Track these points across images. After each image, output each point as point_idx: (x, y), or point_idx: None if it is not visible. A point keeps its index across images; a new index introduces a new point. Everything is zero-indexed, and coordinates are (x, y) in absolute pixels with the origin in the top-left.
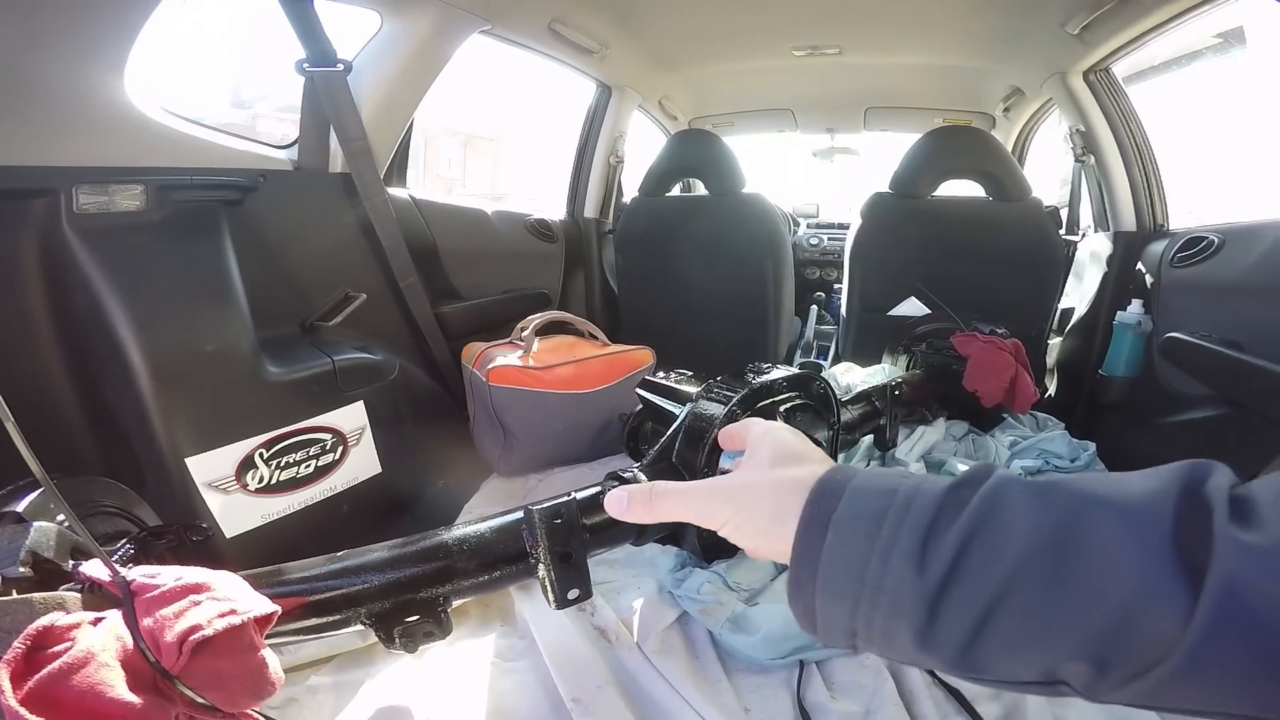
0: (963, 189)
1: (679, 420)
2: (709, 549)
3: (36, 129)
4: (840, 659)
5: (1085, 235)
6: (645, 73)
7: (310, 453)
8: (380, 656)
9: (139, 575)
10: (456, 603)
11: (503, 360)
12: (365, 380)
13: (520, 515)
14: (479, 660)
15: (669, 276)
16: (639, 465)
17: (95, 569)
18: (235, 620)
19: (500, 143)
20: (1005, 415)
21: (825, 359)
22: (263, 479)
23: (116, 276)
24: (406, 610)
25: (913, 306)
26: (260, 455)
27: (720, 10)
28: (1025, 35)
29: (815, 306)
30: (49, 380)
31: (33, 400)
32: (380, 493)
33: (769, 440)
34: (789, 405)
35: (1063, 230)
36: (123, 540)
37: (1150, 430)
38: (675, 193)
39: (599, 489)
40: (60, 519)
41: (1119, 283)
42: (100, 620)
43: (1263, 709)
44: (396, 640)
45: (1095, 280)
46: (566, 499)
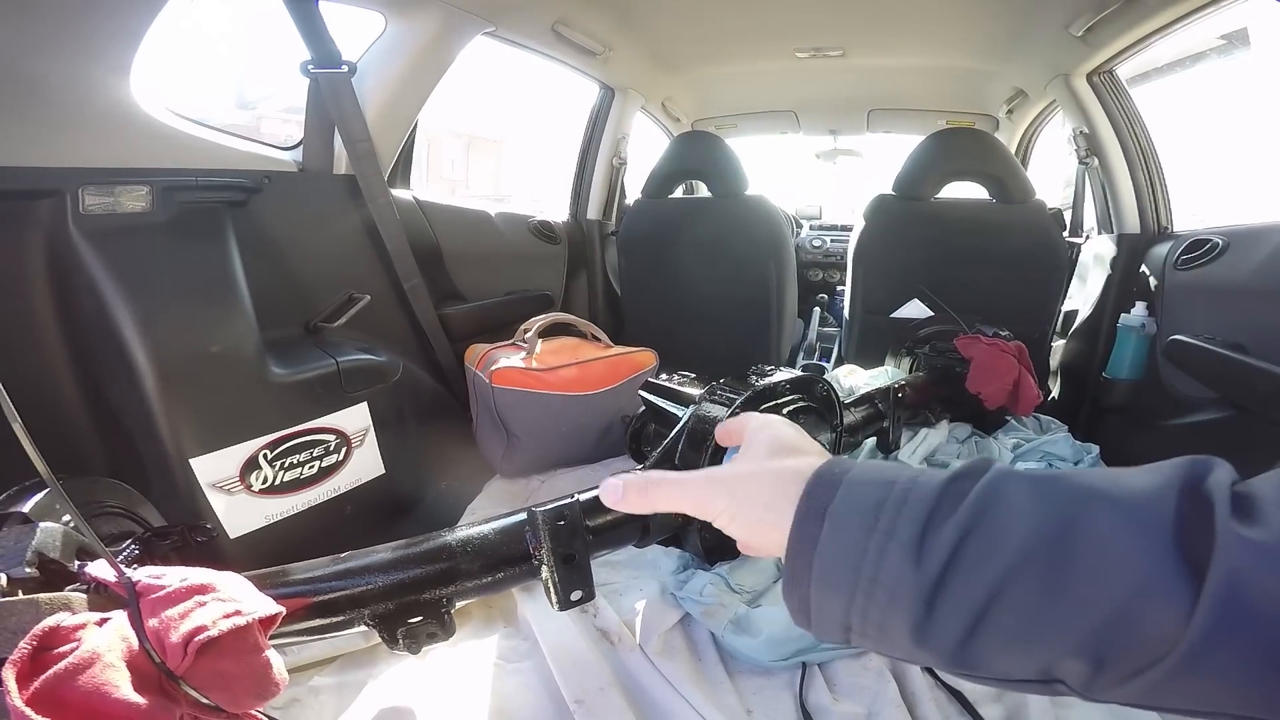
0: (966, 191)
1: (682, 422)
2: (711, 551)
3: (42, 130)
4: (843, 661)
5: (1089, 237)
6: (648, 74)
7: (314, 454)
8: (383, 657)
9: (144, 576)
10: (460, 604)
11: (506, 362)
12: (369, 381)
13: (523, 517)
14: (482, 661)
15: (672, 278)
16: (642, 467)
17: (101, 570)
18: (240, 621)
19: (503, 144)
20: (1008, 418)
21: (828, 361)
22: (267, 480)
23: (122, 277)
24: (410, 611)
25: (916, 309)
26: (264, 456)
27: (723, 12)
28: (1029, 37)
29: (818, 308)
30: (54, 381)
31: (38, 401)
32: (383, 494)
33: (766, 433)
34: (792, 407)
35: (1066, 232)
36: (128, 541)
37: (1154, 433)
38: (678, 194)
39: None
40: (66, 519)
41: (1123, 285)
42: (106, 621)
43: (1263, 710)
44: (400, 641)
45: (1099, 283)
46: (570, 500)
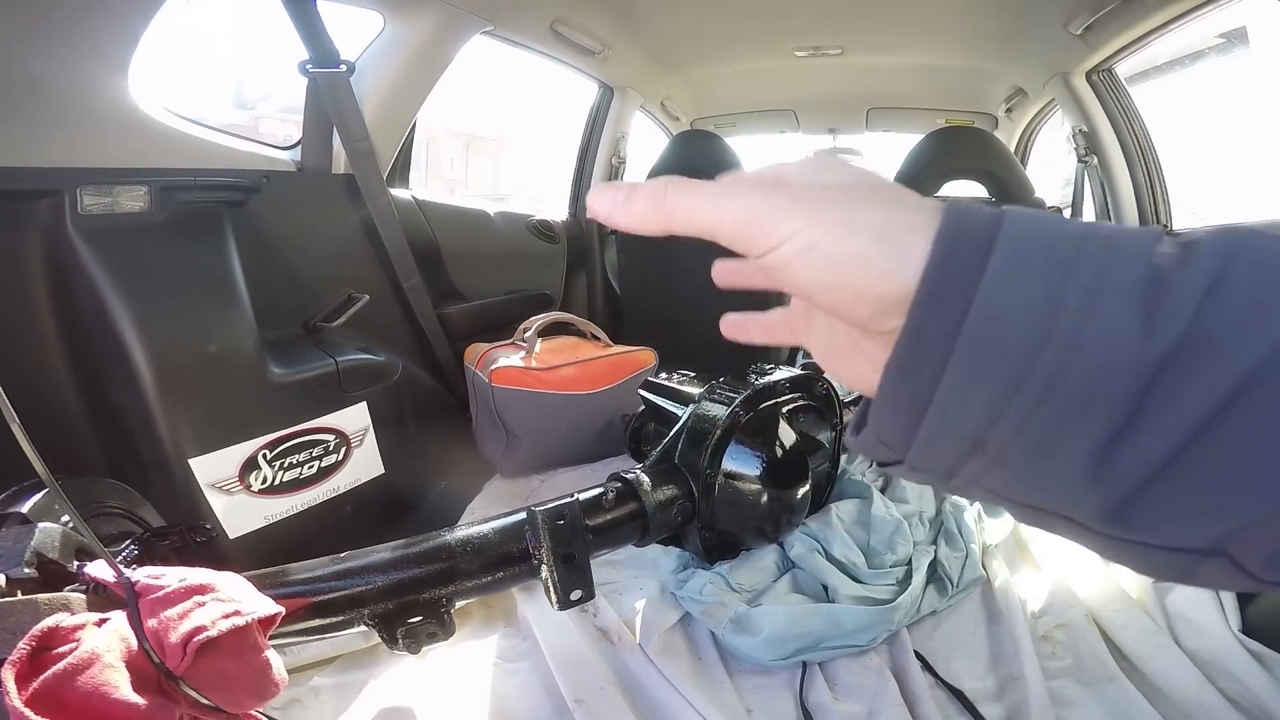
0: (965, 190)
1: (682, 421)
2: (711, 550)
3: (41, 130)
4: (843, 660)
5: None
6: (647, 73)
7: (313, 453)
8: (383, 657)
9: (143, 576)
10: (459, 604)
11: (505, 361)
12: (368, 381)
13: (523, 516)
14: (481, 661)
15: (671, 277)
16: (642, 466)
17: (100, 570)
18: (239, 621)
19: (502, 143)
20: None
21: None
22: (266, 480)
23: (121, 277)
24: (409, 611)
25: None
26: (263, 456)
27: (722, 11)
28: (1028, 35)
29: None
30: (53, 381)
31: (37, 401)
32: (383, 493)
33: (833, 160)
34: (792, 406)
35: None
36: (127, 541)
37: None
38: None
39: (601, 490)
40: (65, 520)
41: None
42: (105, 621)
43: None
44: (399, 641)
45: None
46: (569, 500)
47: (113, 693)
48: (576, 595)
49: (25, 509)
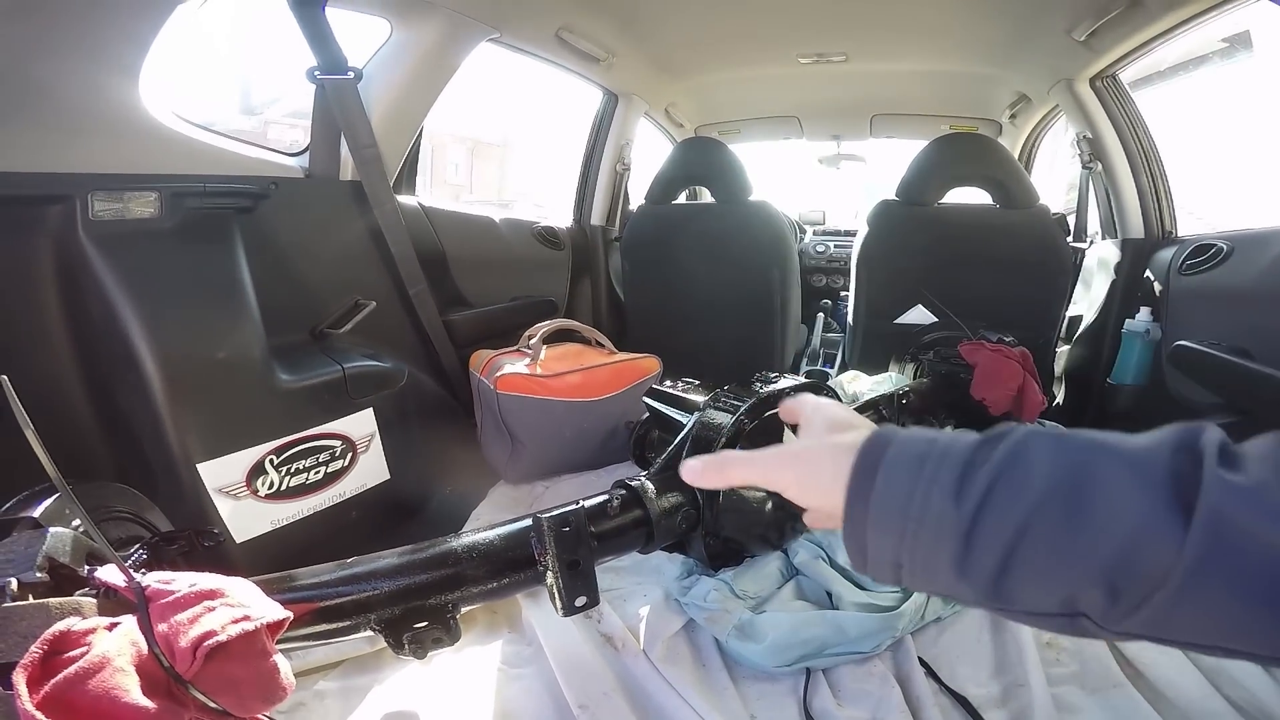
0: (970, 196)
1: (686, 429)
2: (715, 557)
3: (53, 135)
4: (847, 666)
5: (1093, 242)
6: (651, 80)
7: (320, 459)
8: (388, 662)
9: (154, 581)
10: (465, 609)
11: (510, 368)
12: (375, 387)
13: (528, 523)
14: (486, 667)
15: (675, 284)
16: (646, 473)
17: (110, 574)
18: (248, 626)
19: (506, 149)
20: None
21: (832, 367)
22: (273, 485)
23: (130, 283)
24: (415, 617)
25: (920, 314)
26: (271, 461)
27: (726, 18)
28: (1031, 42)
29: (822, 314)
30: (63, 386)
31: (48, 406)
32: (388, 499)
33: (822, 414)
34: None
35: (1070, 238)
36: (136, 545)
37: None
38: (681, 200)
39: (606, 497)
40: (76, 524)
41: (1127, 290)
42: (115, 625)
43: (1250, 643)
44: (405, 646)
45: (1103, 288)
46: (575, 507)
47: (123, 696)
48: (581, 601)
49: (37, 513)
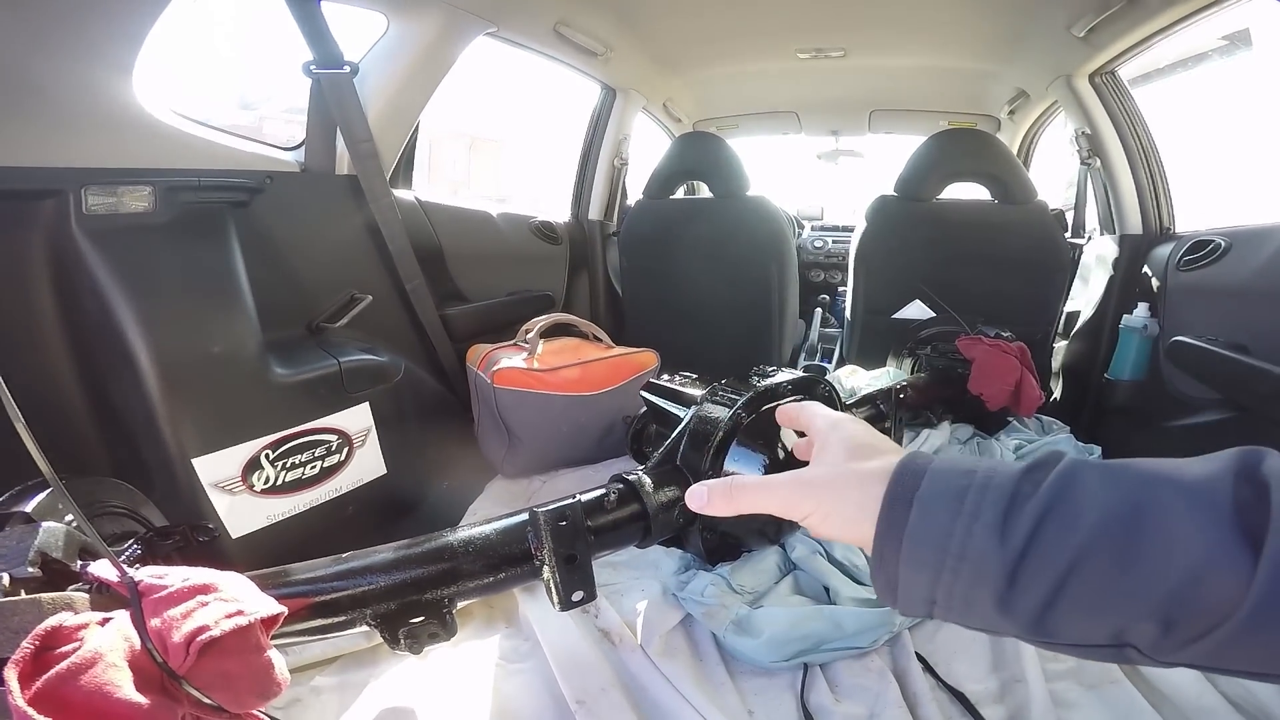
0: (968, 192)
1: (684, 423)
2: (713, 552)
3: (45, 130)
4: (844, 662)
5: (1091, 238)
6: (649, 75)
7: (316, 454)
8: (385, 657)
9: (147, 576)
10: (461, 604)
11: (507, 362)
12: (371, 382)
13: (525, 517)
14: (483, 662)
15: (673, 279)
16: (643, 468)
17: (103, 569)
18: (242, 621)
19: (502, 144)
20: (1010, 419)
21: (830, 362)
22: (269, 480)
23: (124, 278)
24: (411, 611)
25: (917, 309)
26: (266, 456)
27: (725, 12)
28: (1031, 37)
29: (820, 309)
30: (57, 381)
31: (41, 401)
32: (385, 494)
33: (840, 434)
34: None
35: (1068, 233)
36: (130, 540)
37: (1156, 434)
38: (680, 195)
39: (603, 491)
40: (69, 519)
41: (1125, 286)
42: (108, 621)
43: None
44: (401, 641)
45: (1101, 283)
46: (571, 501)
47: (116, 692)
48: (578, 596)
49: (29, 508)
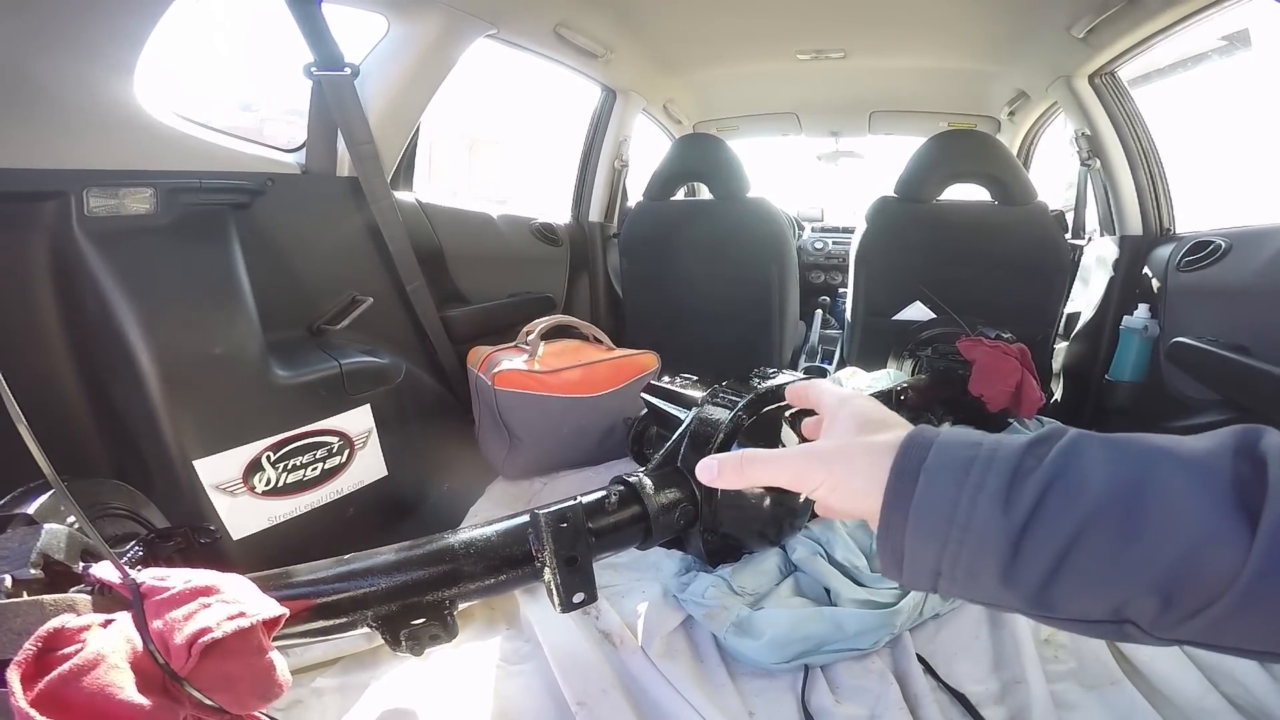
0: (968, 193)
1: (685, 425)
2: (714, 553)
3: (47, 131)
4: (845, 663)
5: (1091, 239)
6: (650, 77)
7: (317, 455)
8: (385, 659)
9: (149, 578)
10: (462, 606)
11: (508, 364)
12: (372, 384)
13: (526, 519)
14: (484, 663)
15: (673, 280)
16: (644, 470)
17: (105, 571)
18: (244, 623)
19: (505, 145)
20: (1011, 420)
21: (830, 363)
22: (270, 481)
23: (126, 279)
24: (413, 613)
25: (918, 311)
26: (267, 458)
27: (725, 14)
28: (1030, 39)
29: (820, 311)
30: (58, 382)
31: (43, 402)
32: (386, 495)
33: (848, 409)
34: (795, 410)
35: (1068, 234)
36: (131, 542)
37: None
38: (680, 197)
39: (604, 493)
40: (70, 521)
41: (1125, 287)
42: (110, 622)
43: None
44: (402, 643)
45: (1101, 284)
46: (572, 503)
47: (118, 694)
48: (579, 598)
49: (31, 510)
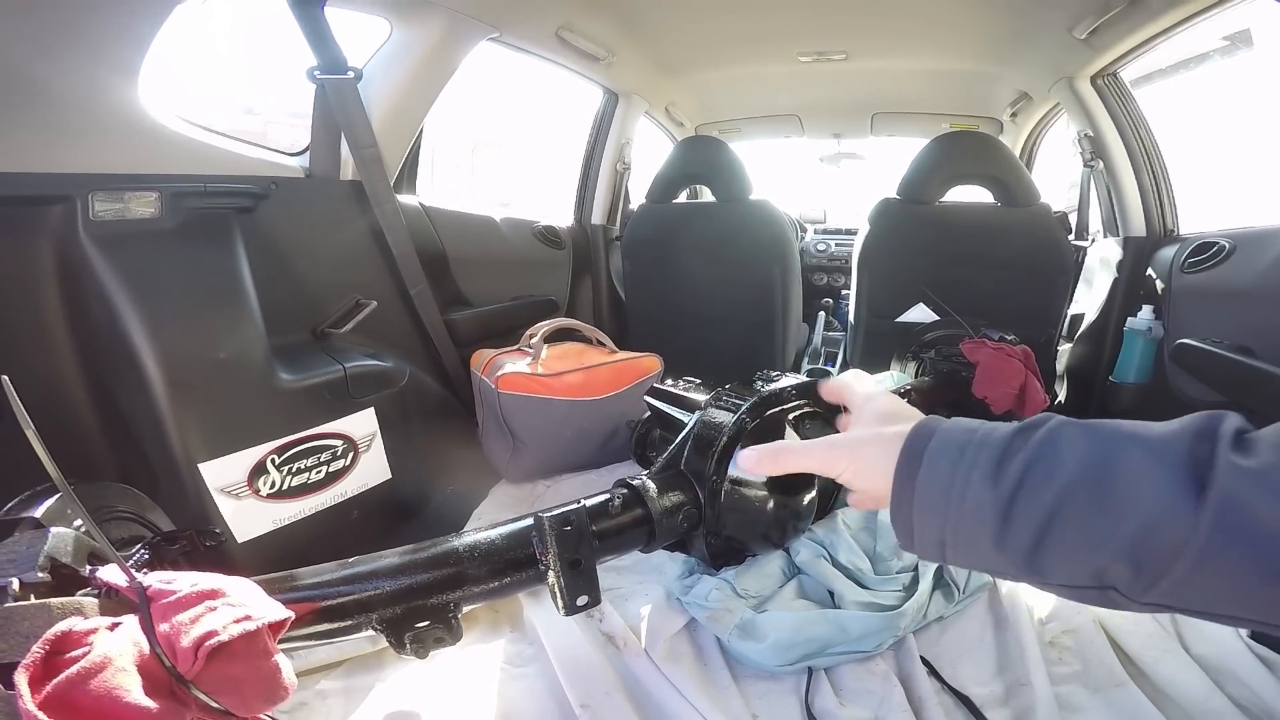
0: (971, 194)
1: (688, 428)
2: (717, 556)
3: (53, 136)
4: (849, 665)
5: (1094, 241)
6: (652, 79)
7: (321, 459)
8: (390, 661)
9: (155, 581)
10: (466, 608)
11: (511, 367)
12: (376, 387)
13: (530, 522)
14: (488, 666)
15: (676, 283)
16: (648, 473)
17: (112, 574)
18: (250, 626)
19: (507, 148)
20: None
21: (833, 366)
22: (274, 484)
23: (131, 283)
24: (417, 616)
25: (921, 313)
26: (272, 461)
27: (727, 16)
28: (1033, 40)
29: (823, 313)
30: (64, 386)
31: (49, 406)
32: (390, 498)
33: (872, 405)
34: (798, 413)
35: (1072, 236)
36: (137, 545)
37: None
38: (682, 199)
39: (608, 496)
40: (77, 524)
41: (1129, 288)
42: (117, 625)
43: (1260, 612)
44: (407, 645)
45: (1105, 286)
46: (576, 506)
47: (124, 696)
48: (583, 601)
49: (38, 513)
